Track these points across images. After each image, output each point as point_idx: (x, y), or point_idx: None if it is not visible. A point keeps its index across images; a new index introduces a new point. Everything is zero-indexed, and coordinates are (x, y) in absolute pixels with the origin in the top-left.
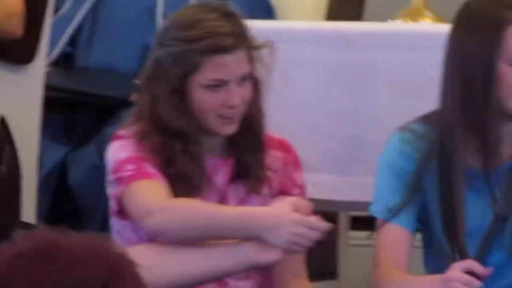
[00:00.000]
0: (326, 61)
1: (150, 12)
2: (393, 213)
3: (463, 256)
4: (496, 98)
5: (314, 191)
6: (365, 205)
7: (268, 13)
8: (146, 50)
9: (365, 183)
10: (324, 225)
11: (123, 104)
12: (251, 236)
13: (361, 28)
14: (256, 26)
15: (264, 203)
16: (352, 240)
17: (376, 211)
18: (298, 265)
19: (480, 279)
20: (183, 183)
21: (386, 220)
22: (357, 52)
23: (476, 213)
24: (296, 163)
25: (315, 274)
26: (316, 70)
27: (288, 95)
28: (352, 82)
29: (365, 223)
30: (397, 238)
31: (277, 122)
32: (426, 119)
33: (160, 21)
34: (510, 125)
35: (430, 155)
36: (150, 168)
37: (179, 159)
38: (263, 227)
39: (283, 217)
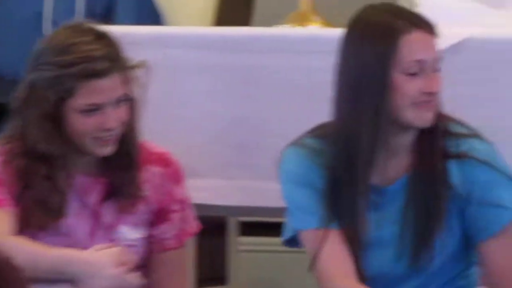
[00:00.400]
0: (214, 66)
1: (38, 17)
2: (322, 220)
3: (359, 265)
4: (391, 108)
5: (202, 197)
6: (254, 210)
7: (155, 18)
8: None
9: (254, 188)
10: (139, 282)
11: (6, 111)
12: (70, 278)
13: (249, 33)
14: (143, 32)
15: (141, 221)
16: (241, 245)
17: (303, 224)
18: (179, 282)
19: None
20: (40, 208)
21: (319, 228)
22: (245, 56)
23: (373, 225)
24: (176, 177)
25: (204, 280)
26: (204, 76)
27: (176, 101)
28: (241, 87)
29: (254, 228)
30: (336, 244)
31: (165, 129)
32: (317, 133)
33: (48, 27)
34: (405, 136)
35: (331, 169)
36: (2, 195)
37: (39, 184)
38: (79, 273)
39: (102, 268)
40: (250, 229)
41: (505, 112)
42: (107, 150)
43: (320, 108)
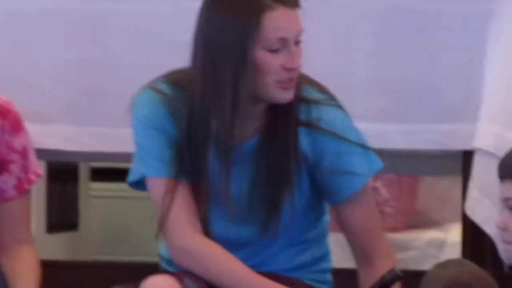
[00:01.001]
0: (64, 11)
1: None
2: (173, 170)
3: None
4: (251, 85)
5: (52, 142)
6: (105, 155)
7: None
8: None
9: (105, 133)
10: None
11: None
12: None
13: None
14: None
15: None
16: (92, 191)
17: (152, 172)
18: (23, 230)
19: None
20: None
21: (169, 178)
22: (95, 1)
23: (223, 182)
24: (14, 128)
25: (56, 226)
26: (54, 20)
27: (25, 45)
28: (91, 32)
29: (105, 174)
30: (184, 197)
31: (14, 75)
32: (172, 78)
33: None
34: (262, 104)
35: (185, 121)
36: None
37: None
38: None
39: None
40: (101, 175)
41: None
42: None
43: (173, 55)
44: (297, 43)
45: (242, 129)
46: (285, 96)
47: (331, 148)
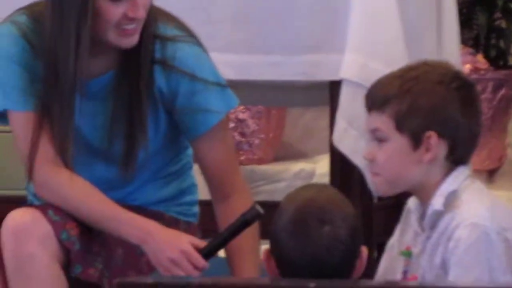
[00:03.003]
0: None
1: None
2: (35, 104)
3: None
4: (94, 32)
5: None
6: None
7: None
8: None
9: None
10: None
11: None
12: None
13: None
14: None
15: None
16: None
17: (15, 105)
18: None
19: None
20: None
21: (31, 112)
22: None
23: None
24: None
25: None
26: None
27: None
28: None
29: None
30: (46, 128)
31: None
32: (32, 11)
33: None
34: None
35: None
36: None
37: None
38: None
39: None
40: None
41: None
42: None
43: None
44: None
45: (92, 66)
46: (126, 42)
47: (185, 87)
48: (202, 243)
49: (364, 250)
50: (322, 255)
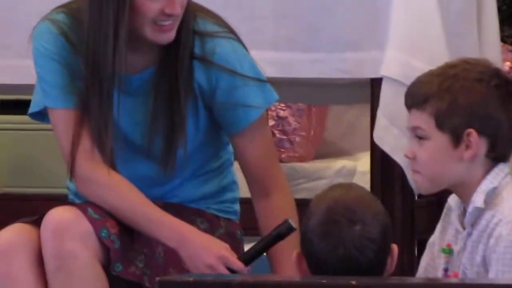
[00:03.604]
0: None
1: None
2: (76, 102)
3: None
4: (131, 26)
5: None
6: (10, 88)
7: None
8: None
9: (8, 66)
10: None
11: None
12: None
13: None
14: None
15: None
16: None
17: (56, 103)
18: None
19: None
20: None
21: (72, 109)
22: None
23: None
24: None
25: None
26: None
27: None
28: None
29: (12, 107)
30: (85, 128)
31: None
32: (69, 8)
33: None
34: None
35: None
36: None
37: None
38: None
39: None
40: (8, 107)
41: None
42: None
43: None
44: None
45: (132, 62)
46: (163, 38)
47: (225, 82)
48: (234, 255)
49: (395, 247)
50: (354, 254)
